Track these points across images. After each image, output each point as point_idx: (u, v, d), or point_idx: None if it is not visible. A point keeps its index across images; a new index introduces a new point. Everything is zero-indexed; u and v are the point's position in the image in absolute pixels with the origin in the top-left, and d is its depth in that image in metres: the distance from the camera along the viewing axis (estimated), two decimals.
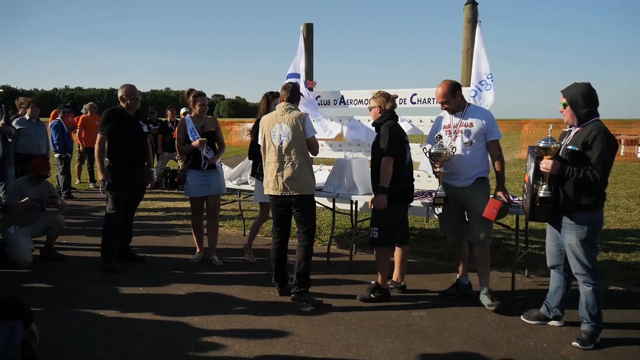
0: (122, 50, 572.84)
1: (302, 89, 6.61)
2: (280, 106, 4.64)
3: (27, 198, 5.63)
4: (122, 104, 5.56)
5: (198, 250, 5.90)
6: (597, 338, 3.74)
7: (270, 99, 5.51)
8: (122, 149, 5.48)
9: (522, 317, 4.22)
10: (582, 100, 3.68)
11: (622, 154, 19.84)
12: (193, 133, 5.56)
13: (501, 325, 4.12)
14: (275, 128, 4.53)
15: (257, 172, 5.51)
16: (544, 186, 3.74)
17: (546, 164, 3.67)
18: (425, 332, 4.00)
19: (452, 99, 4.46)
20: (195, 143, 5.49)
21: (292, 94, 4.69)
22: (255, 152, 5.41)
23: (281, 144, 4.50)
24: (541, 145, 3.72)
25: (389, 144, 4.46)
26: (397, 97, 4.81)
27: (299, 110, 4.68)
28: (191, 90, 5.71)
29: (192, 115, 5.69)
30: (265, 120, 4.65)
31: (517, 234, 5.05)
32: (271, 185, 4.59)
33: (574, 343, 3.74)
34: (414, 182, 4.87)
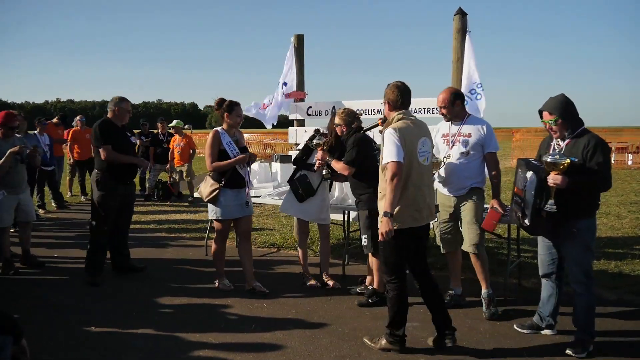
0: (114, 63, 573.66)
1: (279, 93, 7.15)
2: (406, 114, 3.80)
3: (16, 147, 5.40)
4: (111, 115, 5.48)
5: (223, 277, 5.29)
6: (589, 346, 3.75)
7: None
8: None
9: (514, 326, 4.23)
10: (572, 111, 3.72)
11: (613, 161, 20.02)
12: (231, 147, 4.95)
13: (494, 335, 4.12)
14: (421, 143, 3.74)
15: (294, 180, 5.20)
16: (550, 201, 3.65)
17: (555, 179, 3.57)
18: (419, 342, 3.99)
19: (452, 107, 4.45)
20: (244, 157, 4.96)
21: (407, 97, 3.85)
22: (301, 161, 5.22)
23: (427, 161, 3.81)
24: (549, 160, 3.59)
25: (356, 155, 4.63)
26: (362, 114, 4.92)
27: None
28: (222, 100, 5.05)
29: (224, 127, 5.02)
30: (408, 131, 3.68)
31: (509, 243, 5.07)
32: (423, 214, 3.76)
33: (566, 351, 3.75)
34: None
